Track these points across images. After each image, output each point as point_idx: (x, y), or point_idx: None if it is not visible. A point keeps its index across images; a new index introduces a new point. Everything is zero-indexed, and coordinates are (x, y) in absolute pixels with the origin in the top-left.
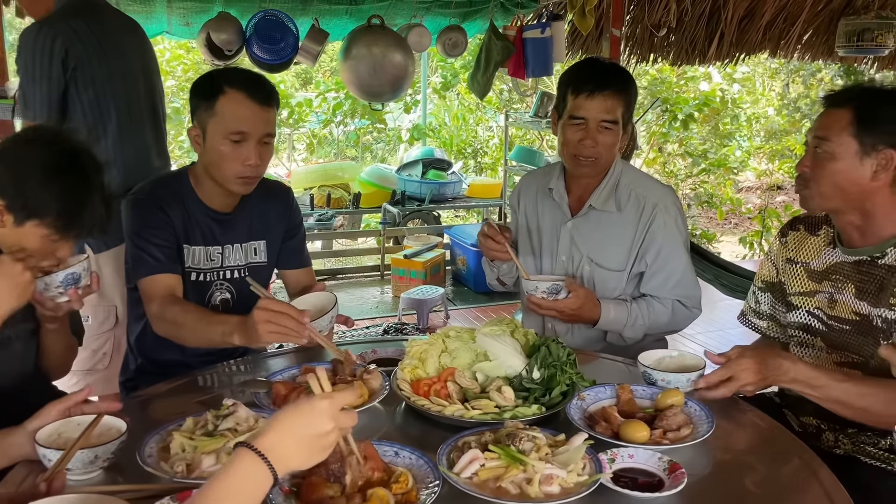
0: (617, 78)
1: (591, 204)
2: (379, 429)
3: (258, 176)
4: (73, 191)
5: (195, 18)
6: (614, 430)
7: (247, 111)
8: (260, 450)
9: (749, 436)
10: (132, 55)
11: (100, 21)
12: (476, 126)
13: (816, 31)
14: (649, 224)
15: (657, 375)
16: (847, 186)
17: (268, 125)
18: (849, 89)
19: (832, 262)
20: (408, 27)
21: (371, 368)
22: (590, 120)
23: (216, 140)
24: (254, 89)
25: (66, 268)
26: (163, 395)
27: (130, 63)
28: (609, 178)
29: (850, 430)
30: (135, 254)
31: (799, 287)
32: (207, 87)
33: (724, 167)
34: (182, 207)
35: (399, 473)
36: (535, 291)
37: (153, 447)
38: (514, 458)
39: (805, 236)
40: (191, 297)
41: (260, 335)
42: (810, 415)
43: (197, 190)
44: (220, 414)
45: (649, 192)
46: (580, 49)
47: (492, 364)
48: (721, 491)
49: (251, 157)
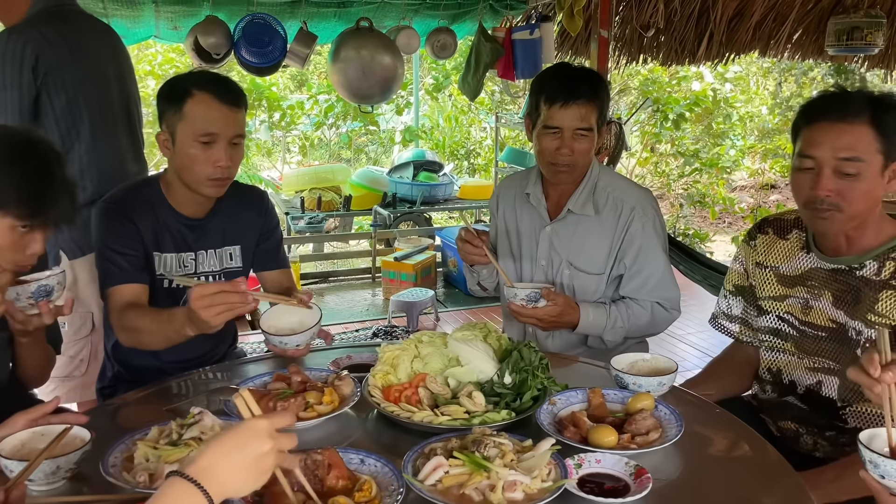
0: (588, 85)
1: (570, 208)
2: (349, 435)
3: (229, 178)
4: (33, 177)
5: (183, 22)
6: (583, 435)
7: (215, 112)
8: (192, 476)
9: (718, 440)
10: (105, 60)
11: (71, 27)
12: (469, 127)
13: (806, 30)
14: (627, 226)
15: (629, 379)
16: (872, 204)
17: (237, 126)
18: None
19: (807, 268)
20: (396, 29)
21: (343, 374)
22: (564, 129)
23: (186, 143)
24: (221, 90)
25: (39, 280)
26: (134, 403)
27: (103, 68)
28: (587, 181)
29: (828, 434)
30: (102, 263)
31: (769, 291)
32: (174, 91)
33: (717, 167)
34: (152, 215)
35: (363, 481)
36: (515, 298)
37: (118, 457)
38: (479, 464)
39: (774, 240)
40: (163, 305)
41: (207, 321)
42: (788, 419)
43: (168, 197)
44: (186, 423)
45: (627, 195)
46: (569, 50)
47: (463, 369)
48: (686, 495)
49: (221, 159)
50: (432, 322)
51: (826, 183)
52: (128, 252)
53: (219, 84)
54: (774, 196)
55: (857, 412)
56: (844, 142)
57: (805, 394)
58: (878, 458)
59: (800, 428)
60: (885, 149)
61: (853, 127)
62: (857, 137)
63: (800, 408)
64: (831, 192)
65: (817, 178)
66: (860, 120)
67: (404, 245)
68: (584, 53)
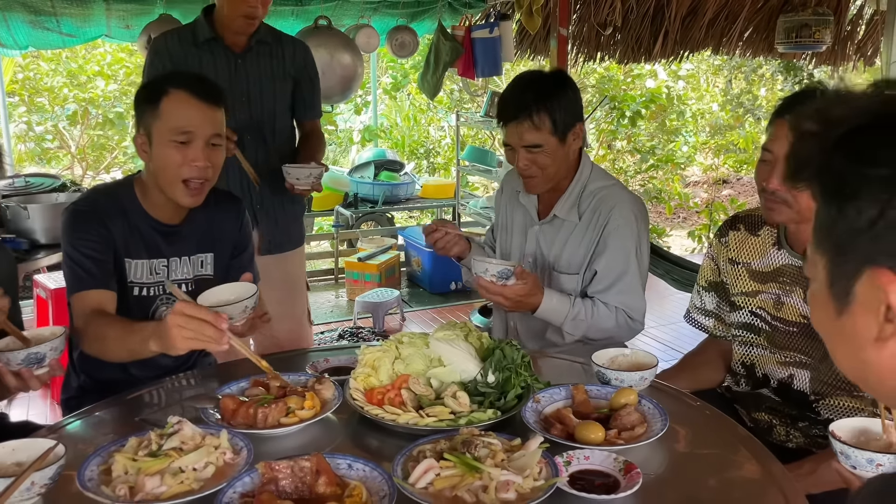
0: (527, 101)
1: (556, 213)
2: (333, 440)
3: (208, 180)
4: None
5: (135, 21)
6: (570, 432)
7: (192, 110)
8: None
9: (702, 432)
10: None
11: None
12: (428, 126)
13: (757, 28)
14: (604, 226)
15: (611, 374)
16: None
17: (214, 125)
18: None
19: (779, 264)
20: (355, 28)
21: (323, 378)
22: (514, 145)
23: (162, 143)
24: (198, 88)
25: (30, 350)
26: (105, 414)
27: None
28: (574, 186)
29: (800, 425)
30: (69, 268)
31: (741, 287)
32: (150, 91)
33: (672, 163)
34: (124, 219)
35: (353, 487)
36: (485, 274)
37: (94, 470)
38: (470, 465)
39: (746, 236)
40: (133, 313)
41: (174, 341)
42: (762, 410)
43: (142, 201)
44: (165, 433)
45: (611, 197)
46: (528, 48)
47: (446, 369)
48: (676, 489)
49: (199, 158)
50: (398, 322)
51: (777, 177)
52: (96, 257)
53: (196, 81)
54: (727, 191)
55: (829, 405)
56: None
57: (778, 387)
58: (849, 449)
59: (773, 419)
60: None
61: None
62: None
63: (773, 399)
64: (780, 188)
65: (771, 171)
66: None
67: (367, 245)
68: (542, 52)
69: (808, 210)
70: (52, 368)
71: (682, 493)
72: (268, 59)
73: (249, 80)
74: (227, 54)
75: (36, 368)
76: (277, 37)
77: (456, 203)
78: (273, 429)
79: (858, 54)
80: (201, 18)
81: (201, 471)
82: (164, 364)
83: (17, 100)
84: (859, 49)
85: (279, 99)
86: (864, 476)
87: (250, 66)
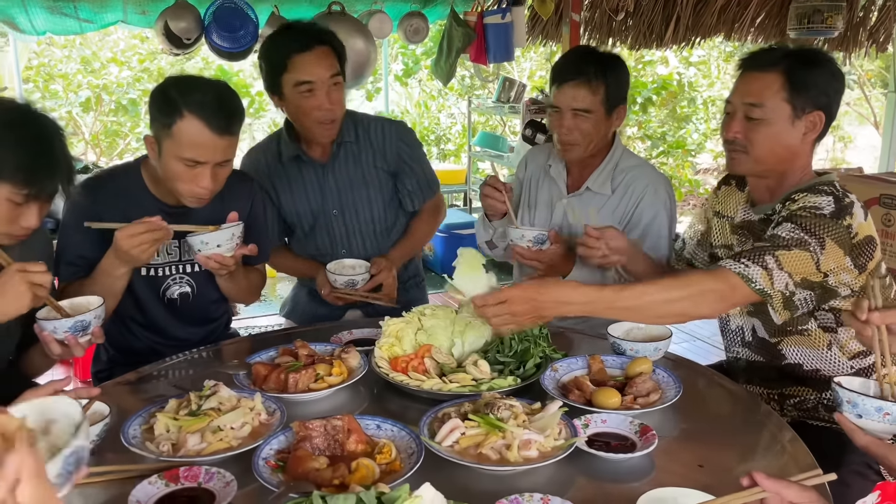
0: (588, 67)
1: (589, 186)
2: (360, 405)
3: (212, 193)
4: (31, 145)
5: (151, 7)
6: (587, 398)
7: (203, 139)
8: None
9: (715, 399)
10: None
11: None
12: (438, 113)
13: (769, 13)
14: (638, 202)
15: (626, 345)
16: (780, 150)
17: (224, 153)
18: (770, 52)
19: (743, 220)
20: (368, 14)
21: (348, 348)
22: (563, 108)
23: (170, 160)
24: (213, 117)
25: (77, 317)
26: (139, 382)
27: None
28: (608, 161)
29: (793, 401)
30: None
31: (723, 240)
32: (166, 106)
33: (683, 149)
34: (127, 202)
35: (382, 445)
36: (521, 240)
37: (137, 429)
38: (494, 425)
39: (733, 191)
40: (142, 293)
41: (134, 256)
42: (756, 384)
43: (150, 185)
44: (203, 394)
45: (643, 175)
46: (540, 34)
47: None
48: (690, 450)
49: (204, 181)
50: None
51: (734, 125)
52: (85, 253)
53: (212, 108)
54: None
55: (790, 348)
56: (752, 88)
57: (752, 340)
58: (857, 397)
59: (767, 391)
60: (793, 98)
61: (763, 75)
62: (764, 85)
63: (756, 362)
64: (738, 134)
65: (731, 121)
66: (771, 70)
67: None
68: (555, 37)
69: (766, 157)
70: (94, 336)
71: (696, 454)
72: (355, 162)
73: (340, 190)
74: (313, 167)
75: (80, 336)
76: (366, 128)
77: (467, 189)
78: (303, 393)
79: (871, 40)
80: (284, 132)
81: (238, 430)
82: (188, 338)
83: (32, 86)
84: (871, 35)
85: (374, 203)
86: (869, 426)
87: (339, 176)
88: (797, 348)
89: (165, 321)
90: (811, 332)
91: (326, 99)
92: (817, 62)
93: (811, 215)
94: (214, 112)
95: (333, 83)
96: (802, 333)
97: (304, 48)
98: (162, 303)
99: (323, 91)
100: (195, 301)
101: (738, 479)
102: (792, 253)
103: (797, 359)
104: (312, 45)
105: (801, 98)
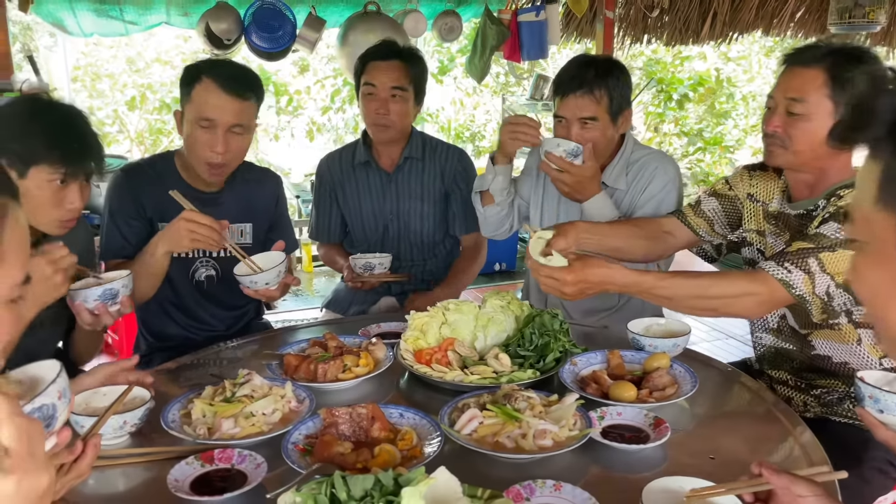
0: (590, 77)
1: (604, 181)
2: (385, 395)
3: (225, 165)
4: (60, 127)
5: (193, 9)
6: (604, 391)
7: (215, 100)
8: None
9: (732, 395)
10: None
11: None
12: (473, 110)
13: (809, 8)
14: (648, 184)
15: (645, 341)
16: (819, 146)
17: (236, 116)
18: (814, 48)
19: (779, 210)
20: (403, 13)
21: (375, 340)
22: (569, 119)
23: (189, 125)
24: (228, 80)
25: (106, 284)
26: (177, 371)
27: None
28: (620, 156)
29: (814, 392)
30: (107, 234)
31: (755, 224)
32: (189, 77)
33: (721, 146)
34: (162, 187)
35: (404, 432)
36: (556, 149)
37: (175, 413)
38: (510, 415)
39: (771, 177)
40: (175, 274)
41: (181, 240)
42: (784, 370)
43: (182, 171)
44: (237, 382)
45: (652, 160)
46: (575, 31)
47: (493, 328)
48: (702, 443)
49: (217, 145)
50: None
51: (775, 119)
52: (130, 229)
53: (228, 73)
54: None
55: (820, 340)
56: (794, 84)
57: (777, 327)
58: (880, 392)
59: (795, 379)
60: (835, 94)
61: (806, 71)
62: (807, 80)
63: (783, 349)
64: (779, 128)
65: (772, 115)
66: (815, 66)
67: None
68: (589, 35)
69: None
70: (123, 305)
71: (708, 446)
72: (417, 177)
73: (399, 198)
74: (379, 174)
75: (110, 305)
76: (433, 148)
77: None
78: (331, 383)
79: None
80: (360, 141)
81: (270, 415)
82: (216, 323)
83: (80, 86)
84: None
85: (426, 218)
86: (890, 421)
87: (400, 185)
88: (827, 341)
89: (195, 303)
90: (841, 326)
91: (384, 104)
92: (862, 60)
93: None
94: (228, 76)
95: (393, 94)
96: (833, 328)
97: (380, 57)
98: (191, 284)
99: (382, 97)
100: (220, 285)
101: (748, 472)
102: (836, 254)
103: (826, 351)
104: (389, 57)
105: (844, 94)
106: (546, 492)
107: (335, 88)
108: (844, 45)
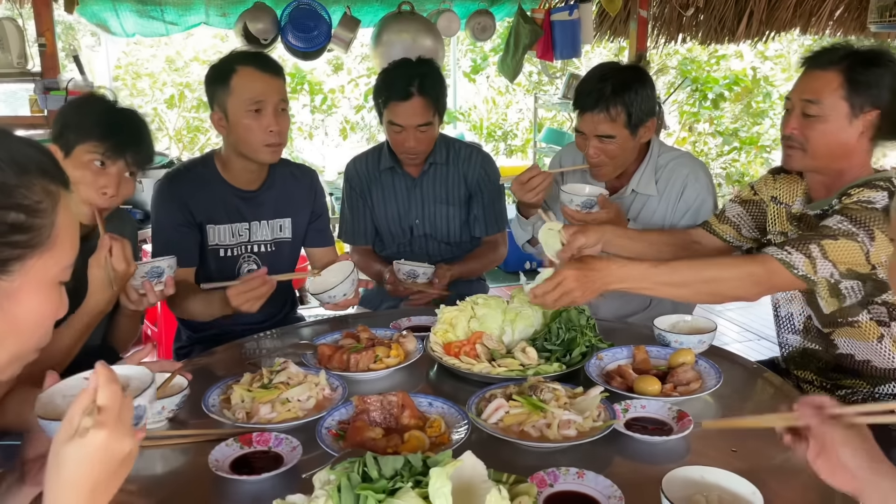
0: (606, 94)
1: (634, 188)
2: (415, 385)
3: (282, 142)
4: (113, 112)
5: (231, 9)
6: (629, 385)
7: (259, 82)
8: None
9: (756, 390)
10: None
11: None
12: (506, 109)
13: (848, 6)
14: (682, 192)
15: (671, 337)
16: (835, 147)
17: (280, 91)
18: (831, 51)
19: (801, 211)
20: (437, 12)
21: (406, 333)
22: (587, 134)
23: (238, 115)
24: (261, 62)
25: (153, 262)
26: (216, 360)
27: None
28: (647, 161)
29: (839, 393)
30: (158, 241)
31: (779, 226)
32: (220, 72)
33: (756, 146)
34: (205, 191)
35: (433, 420)
36: (570, 204)
37: (216, 399)
38: (536, 406)
39: (794, 179)
40: (215, 273)
41: (241, 308)
42: (810, 370)
43: (223, 173)
44: (274, 370)
45: (681, 166)
46: (608, 30)
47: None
48: (725, 437)
49: (272, 124)
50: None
51: (792, 121)
52: (179, 233)
53: (258, 58)
54: None
55: (842, 339)
56: (811, 86)
57: (807, 328)
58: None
59: (820, 379)
60: (851, 96)
61: (823, 73)
62: (823, 83)
63: (809, 349)
64: (795, 130)
65: (790, 118)
66: (831, 68)
67: None
68: (623, 34)
69: (823, 154)
70: (167, 286)
71: (731, 440)
72: (442, 181)
73: (424, 202)
74: (404, 179)
75: (156, 283)
76: (457, 151)
77: None
78: (363, 372)
79: None
80: (385, 146)
81: (304, 402)
82: (258, 319)
83: (121, 84)
84: None
85: (452, 220)
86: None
87: (425, 190)
88: (848, 339)
89: None
90: (861, 323)
91: (411, 138)
92: (878, 62)
93: (862, 208)
94: (260, 58)
95: (420, 131)
96: (853, 325)
97: (401, 98)
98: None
99: (409, 133)
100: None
101: (769, 463)
102: (838, 242)
103: (849, 349)
104: (409, 97)
105: (860, 97)
106: (569, 479)
107: (369, 87)
108: (863, 47)
